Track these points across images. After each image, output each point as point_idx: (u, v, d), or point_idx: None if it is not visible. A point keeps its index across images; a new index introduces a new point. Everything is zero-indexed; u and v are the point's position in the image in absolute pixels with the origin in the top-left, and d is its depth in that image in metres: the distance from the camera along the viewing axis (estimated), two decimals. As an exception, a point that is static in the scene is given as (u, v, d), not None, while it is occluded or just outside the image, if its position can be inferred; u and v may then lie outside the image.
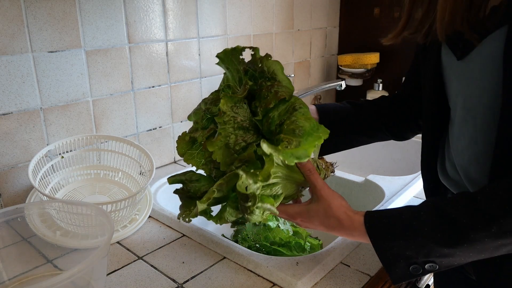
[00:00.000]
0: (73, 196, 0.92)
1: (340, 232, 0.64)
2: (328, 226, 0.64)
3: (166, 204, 0.98)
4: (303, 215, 0.67)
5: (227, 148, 0.63)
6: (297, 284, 0.67)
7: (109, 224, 0.64)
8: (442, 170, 0.73)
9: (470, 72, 0.62)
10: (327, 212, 0.64)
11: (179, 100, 1.20)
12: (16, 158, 0.90)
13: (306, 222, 0.67)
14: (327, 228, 0.65)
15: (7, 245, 0.72)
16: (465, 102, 0.64)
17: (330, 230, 0.65)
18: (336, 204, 0.64)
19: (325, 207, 0.64)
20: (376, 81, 1.65)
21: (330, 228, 0.64)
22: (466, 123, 0.65)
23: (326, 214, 0.64)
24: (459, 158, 0.67)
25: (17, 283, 0.70)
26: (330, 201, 0.64)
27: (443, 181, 0.73)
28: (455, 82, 0.66)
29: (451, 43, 0.65)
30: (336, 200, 0.65)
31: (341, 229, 0.63)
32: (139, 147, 0.96)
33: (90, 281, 0.63)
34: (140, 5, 1.05)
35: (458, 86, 0.65)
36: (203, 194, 0.68)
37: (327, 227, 0.65)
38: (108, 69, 1.02)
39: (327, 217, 0.64)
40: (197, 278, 0.71)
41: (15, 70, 0.86)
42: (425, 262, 0.57)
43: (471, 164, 0.65)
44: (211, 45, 1.25)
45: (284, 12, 1.51)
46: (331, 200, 0.64)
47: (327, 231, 0.65)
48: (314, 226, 0.66)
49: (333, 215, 0.63)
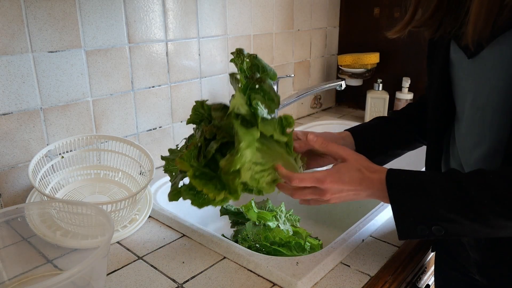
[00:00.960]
0: (73, 196, 0.92)
1: (365, 187, 0.65)
2: (358, 180, 0.65)
3: (166, 204, 0.98)
4: (333, 175, 0.66)
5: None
6: (297, 284, 0.67)
7: (109, 224, 0.64)
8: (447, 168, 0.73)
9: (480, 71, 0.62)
10: (356, 166, 0.66)
11: (179, 100, 1.20)
12: (16, 158, 0.90)
13: (335, 182, 0.65)
14: (355, 185, 0.65)
15: (7, 245, 0.72)
16: (474, 101, 0.64)
17: (357, 187, 0.65)
18: (362, 158, 0.68)
19: (354, 160, 0.67)
20: (376, 81, 1.65)
21: (358, 184, 0.65)
22: (475, 122, 0.64)
23: (356, 168, 0.66)
24: (466, 156, 0.67)
25: (17, 283, 0.70)
26: (357, 156, 0.68)
27: None
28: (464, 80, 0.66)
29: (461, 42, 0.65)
30: (362, 156, 0.68)
31: (367, 181, 0.65)
32: (139, 147, 0.96)
33: (90, 281, 0.63)
34: (140, 5, 1.05)
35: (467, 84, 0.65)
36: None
37: (356, 183, 0.65)
38: (108, 69, 1.02)
39: (358, 170, 0.66)
40: (197, 278, 0.71)
41: (15, 70, 0.86)
42: (432, 224, 0.59)
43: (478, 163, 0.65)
44: (211, 45, 1.25)
45: (284, 12, 1.51)
46: (357, 156, 0.68)
47: (353, 192, 0.66)
48: (343, 184, 0.65)
49: (362, 167, 0.66)
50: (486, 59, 0.60)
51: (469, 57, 0.63)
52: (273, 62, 1.51)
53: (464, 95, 0.66)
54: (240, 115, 0.69)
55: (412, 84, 1.59)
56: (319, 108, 1.83)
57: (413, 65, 1.62)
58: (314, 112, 1.81)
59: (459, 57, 0.65)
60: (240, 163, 0.64)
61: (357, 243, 0.79)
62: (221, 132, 0.69)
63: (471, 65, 0.63)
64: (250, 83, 0.70)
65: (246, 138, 0.65)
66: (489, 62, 0.60)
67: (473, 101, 0.64)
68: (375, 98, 1.64)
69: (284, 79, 1.58)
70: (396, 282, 0.72)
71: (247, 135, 0.66)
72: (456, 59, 0.66)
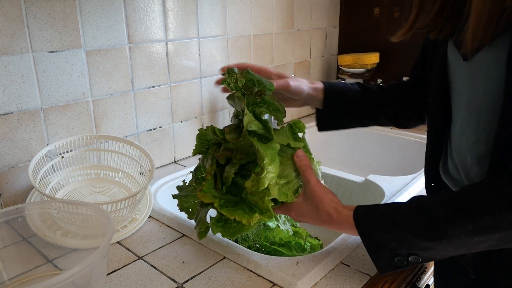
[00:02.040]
0: (73, 196, 0.92)
1: (331, 226, 0.67)
2: (319, 220, 0.68)
3: (166, 204, 0.98)
4: (296, 210, 0.70)
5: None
6: (297, 284, 0.67)
7: (109, 224, 0.64)
8: (444, 168, 0.73)
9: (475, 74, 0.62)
10: (319, 207, 0.67)
11: (179, 100, 1.20)
12: (16, 158, 0.90)
13: (299, 216, 0.71)
14: (319, 222, 0.69)
15: (7, 245, 0.72)
16: (469, 103, 0.64)
17: (322, 223, 0.68)
18: (327, 199, 0.68)
19: (317, 202, 0.68)
20: (376, 81, 1.65)
21: (321, 222, 0.68)
22: (470, 124, 0.65)
23: (317, 209, 0.68)
24: (462, 158, 0.67)
25: (17, 283, 0.70)
26: (322, 197, 0.68)
27: (444, 179, 0.73)
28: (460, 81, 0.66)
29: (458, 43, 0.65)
30: (327, 195, 0.68)
31: (331, 223, 0.67)
32: (139, 147, 0.96)
33: (90, 281, 0.63)
34: (140, 5, 1.05)
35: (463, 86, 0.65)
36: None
37: (319, 221, 0.68)
38: (108, 69, 1.02)
39: (319, 212, 0.67)
40: (197, 278, 0.71)
41: (15, 70, 0.86)
42: (408, 254, 0.60)
43: (473, 165, 0.65)
44: (211, 45, 1.25)
45: (284, 12, 1.51)
46: (323, 196, 0.68)
47: (319, 224, 0.69)
48: (307, 219, 0.70)
49: (324, 210, 0.67)
50: (481, 62, 0.60)
51: (465, 59, 0.63)
52: (273, 62, 1.51)
53: (460, 97, 0.66)
54: (253, 131, 0.68)
55: (412, 84, 1.59)
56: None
57: (413, 65, 1.62)
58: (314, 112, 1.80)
59: (456, 58, 0.65)
60: (268, 180, 0.64)
61: (357, 243, 0.79)
62: (237, 154, 0.69)
63: (466, 67, 0.63)
64: (251, 98, 0.69)
65: (268, 154, 0.64)
66: (484, 65, 0.60)
67: (469, 103, 0.64)
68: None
69: (284, 79, 1.58)
70: (396, 282, 0.72)
71: (268, 150, 0.65)
72: (453, 59, 0.66)
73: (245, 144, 0.68)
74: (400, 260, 0.61)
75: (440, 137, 0.73)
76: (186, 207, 0.79)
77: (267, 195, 0.66)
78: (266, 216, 0.66)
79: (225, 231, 0.68)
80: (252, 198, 0.66)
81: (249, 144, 0.67)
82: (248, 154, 0.68)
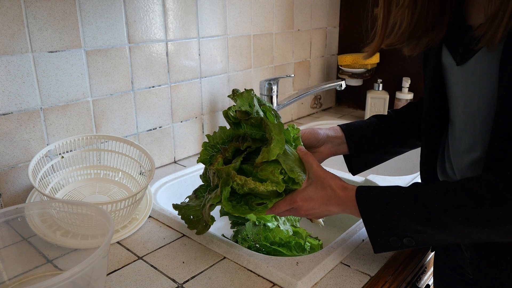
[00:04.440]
0: (73, 196, 0.92)
1: (335, 202, 0.68)
2: (325, 197, 0.69)
3: (166, 204, 0.98)
4: (302, 194, 0.70)
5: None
6: (297, 284, 0.67)
7: (109, 224, 0.64)
8: (442, 171, 0.73)
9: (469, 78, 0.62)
10: (324, 184, 0.69)
11: (179, 100, 1.20)
12: (16, 158, 0.90)
13: (305, 200, 0.70)
14: (325, 200, 0.69)
15: (7, 245, 0.72)
16: (465, 107, 0.64)
17: (327, 202, 0.69)
18: (331, 176, 0.70)
19: (322, 180, 0.70)
20: (376, 81, 1.65)
21: (327, 200, 0.69)
22: (467, 128, 0.65)
23: (322, 186, 0.69)
24: (458, 161, 0.68)
25: (17, 283, 0.70)
26: (326, 175, 0.70)
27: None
28: (456, 86, 0.66)
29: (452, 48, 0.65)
30: (330, 174, 0.71)
31: (336, 198, 0.68)
32: (139, 147, 0.96)
33: (90, 281, 0.63)
34: (140, 5, 1.05)
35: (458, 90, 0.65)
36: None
37: (324, 199, 0.69)
38: (108, 69, 1.02)
39: (324, 189, 0.69)
40: (197, 278, 0.71)
41: (15, 70, 0.86)
42: (403, 235, 0.62)
43: (469, 168, 0.65)
44: (211, 45, 1.25)
45: (284, 12, 1.51)
46: (326, 174, 0.70)
47: (324, 208, 0.70)
48: (313, 203, 0.70)
49: (329, 185, 0.69)
50: (475, 66, 0.60)
51: (458, 64, 0.63)
52: (273, 62, 1.51)
53: (456, 101, 0.67)
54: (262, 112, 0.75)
55: (412, 84, 1.59)
56: (319, 108, 1.83)
57: (413, 65, 1.62)
58: (314, 112, 1.81)
59: (450, 62, 0.66)
60: (277, 149, 0.67)
61: (357, 243, 0.79)
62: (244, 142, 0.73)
63: (460, 72, 0.63)
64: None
65: (276, 126, 0.69)
66: (477, 70, 0.60)
67: (464, 107, 0.64)
68: (375, 98, 1.64)
69: (284, 79, 1.58)
70: (396, 282, 0.72)
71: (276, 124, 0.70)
72: (447, 64, 0.67)
73: (255, 121, 0.72)
74: (394, 240, 0.63)
75: (436, 141, 0.73)
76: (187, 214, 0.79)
77: (277, 168, 0.69)
78: (277, 187, 0.68)
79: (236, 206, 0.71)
80: (262, 174, 0.69)
81: (259, 121, 0.71)
82: (255, 141, 0.72)
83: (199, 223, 0.76)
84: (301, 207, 0.71)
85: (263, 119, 0.71)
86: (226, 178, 0.69)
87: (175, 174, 1.12)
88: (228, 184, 0.69)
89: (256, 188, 0.68)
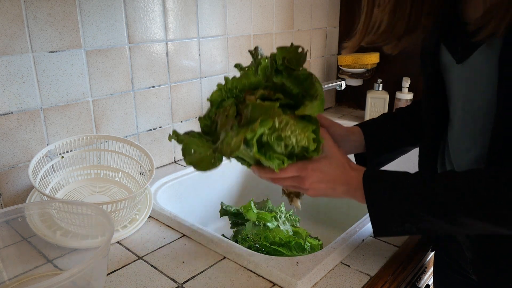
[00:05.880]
0: (73, 196, 0.92)
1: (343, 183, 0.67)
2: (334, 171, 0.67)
3: (166, 204, 0.98)
4: (313, 164, 0.67)
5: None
6: (297, 284, 0.67)
7: (109, 224, 0.64)
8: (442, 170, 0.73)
9: (469, 76, 0.62)
10: (338, 163, 0.68)
11: (179, 100, 1.20)
12: (16, 158, 0.90)
13: (316, 170, 0.67)
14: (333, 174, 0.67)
15: (7, 245, 0.72)
16: (465, 105, 0.64)
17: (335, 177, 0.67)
18: (342, 152, 0.69)
19: (333, 153, 0.68)
20: (376, 81, 1.65)
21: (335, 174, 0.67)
22: (466, 126, 0.65)
23: (337, 164, 0.67)
24: (459, 160, 0.67)
25: (17, 283, 0.70)
26: (337, 151, 0.69)
27: None
28: (455, 84, 0.66)
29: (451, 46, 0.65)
30: (346, 156, 0.70)
31: (344, 174, 0.67)
32: (139, 147, 0.96)
33: (90, 281, 0.63)
34: (140, 5, 1.05)
35: (458, 88, 0.65)
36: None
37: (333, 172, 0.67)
38: (108, 69, 1.02)
39: (338, 167, 0.67)
40: (197, 278, 0.71)
41: (15, 70, 0.86)
42: (404, 221, 0.61)
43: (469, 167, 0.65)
44: (211, 45, 1.25)
45: (284, 12, 1.51)
46: (338, 150, 0.69)
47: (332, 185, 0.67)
48: (322, 175, 0.67)
49: (339, 160, 0.68)
50: (474, 64, 0.60)
51: (458, 62, 0.63)
52: (273, 62, 1.51)
53: (455, 99, 0.67)
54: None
55: (412, 84, 1.59)
56: (319, 108, 1.83)
57: (413, 65, 1.62)
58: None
59: (449, 61, 0.65)
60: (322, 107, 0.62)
61: (357, 243, 0.79)
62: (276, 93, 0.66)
63: (460, 70, 0.63)
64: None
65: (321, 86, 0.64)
66: (477, 68, 0.60)
67: (464, 105, 0.64)
68: (375, 98, 1.64)
69: (284, 79, 1.58)
70: (396, 282, 0.72)
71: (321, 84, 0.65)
72: (447, 62, 0.67)
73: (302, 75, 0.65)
74: (395, 223, 0.62)
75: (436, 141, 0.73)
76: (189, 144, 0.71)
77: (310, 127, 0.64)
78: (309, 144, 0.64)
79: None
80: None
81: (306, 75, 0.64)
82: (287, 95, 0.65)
83: (202, 160, 0.69)
84: (309, 177, 0.66)
85: (312, 75, 0.64)
86: (270, 111, 0.60)
87: (175, 174, 1.12)
88: (271, 118, 0.61)
89: (290, 135, 0.62)
